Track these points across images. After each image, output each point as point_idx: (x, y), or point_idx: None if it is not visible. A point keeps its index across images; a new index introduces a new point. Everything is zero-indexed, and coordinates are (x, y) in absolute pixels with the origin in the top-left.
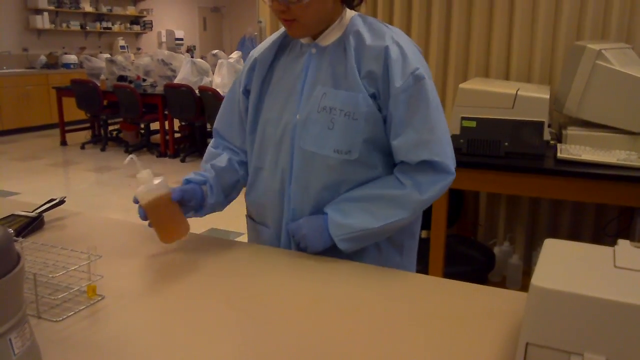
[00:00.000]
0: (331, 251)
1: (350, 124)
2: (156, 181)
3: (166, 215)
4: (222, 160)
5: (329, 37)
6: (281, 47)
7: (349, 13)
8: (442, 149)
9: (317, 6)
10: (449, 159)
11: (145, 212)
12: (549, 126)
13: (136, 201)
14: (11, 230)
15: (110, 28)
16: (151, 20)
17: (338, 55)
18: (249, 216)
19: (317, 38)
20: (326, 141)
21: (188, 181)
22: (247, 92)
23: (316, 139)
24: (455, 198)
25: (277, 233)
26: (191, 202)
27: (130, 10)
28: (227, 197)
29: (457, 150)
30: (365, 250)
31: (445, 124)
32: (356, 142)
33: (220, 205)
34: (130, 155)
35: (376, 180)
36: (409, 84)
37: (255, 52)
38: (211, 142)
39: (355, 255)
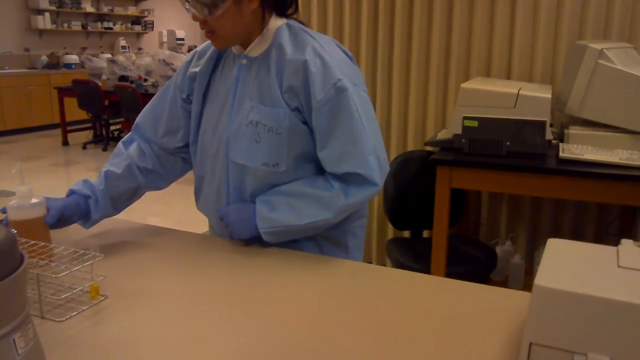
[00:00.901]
0: (259, 240)
1: (275, 138)
2: (34, 200)
3: (30, 237)
4: (120, 165)
5: (257, 48)
6: (219, 58)
7: (276, 22)
8: (364, 161)
9: (232, 18)
10: (372, 171)
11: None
12: (551, 125)
13: (4, 211)
14: (14, 231)
15: (111, 28)
16: (152, 21)
17: (264, 69)
18: None
19: (247, 48)
20: (254, 154)
21: (72, 192)
22: (188, 100)
23: (245, 152)
24: (457, 198)
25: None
26: (73, 217)
27: (132, 11)
28: (117, 207)
29: (459, 150)
30: (305, 248)
31: (372, 133)
32: (282, 155)
33: (111, 214)
34: (18, 166)
35: (308, 178)
36: (330, 96)
37: (196, 61)
38: (125, 136)
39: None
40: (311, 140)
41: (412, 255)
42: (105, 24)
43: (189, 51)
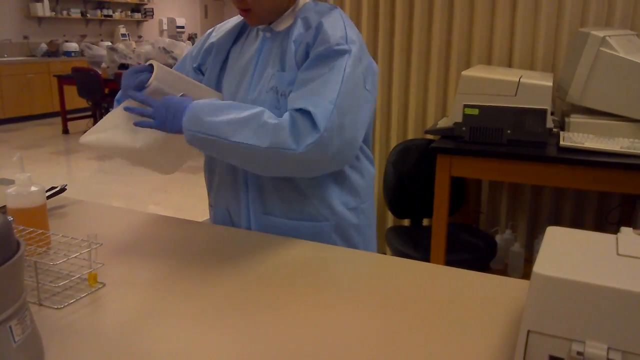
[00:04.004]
0: (260, 228)
1: (287, 103)
2: (33, 188)
3: (28, 225)
4: None
5: (283, 23)
6: (240, 33)
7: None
8: (320, 103)
9: None
10: (322, 114)
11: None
12: (552, 114)
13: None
14: (11, 218)
15: (111, 16)
16: (152, 8)
17: (287, 40)
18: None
19: (272, 23)
20: None
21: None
22: (199, 70)
23: None
24: (458, 186)
25: (222, 213)
26: None
27: None
28: None
29: (460, 139)
30: (321, 227)
31: (346, 97)
32: None
33: None
34: (18, 154)
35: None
36: (327, 54)
37: (215, 33)
38: None
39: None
40: None
41: (412, 243)
42: (105, 12)
43: (189, 39)
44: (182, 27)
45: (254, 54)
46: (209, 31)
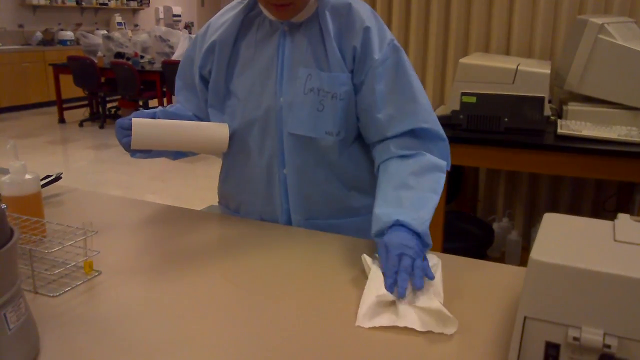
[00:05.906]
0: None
1: (337, 105)
2: (27, 176)
3: (23, 213)
4: (174, 106)
5: (302, 14)
6: (244, 25)
7: None
8: (430, 116)
9: None
10: (438, 125)
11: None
12: (550, 102)
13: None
14: (4, 206)
15: (106, 4)
16: None
17: (315, 34)
18: (224, 204)
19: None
20: (317, 124)
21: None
22: (201, 75)
23: (305, 122)
24: (455, 174)
25: (254, 220)
26: None
27: None
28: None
29: (457, 126)
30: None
31: (425, 92)
32: (343, 122)
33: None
34: (11, 142)
35: (405, 163)
36: (387, 56)
37: (211, 31)
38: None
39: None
40: (354, 104)
41: None
42: (101, 0)
43: (185, 27)
44: (179, 16)
45: (274, 51)
46: (202, 30)
